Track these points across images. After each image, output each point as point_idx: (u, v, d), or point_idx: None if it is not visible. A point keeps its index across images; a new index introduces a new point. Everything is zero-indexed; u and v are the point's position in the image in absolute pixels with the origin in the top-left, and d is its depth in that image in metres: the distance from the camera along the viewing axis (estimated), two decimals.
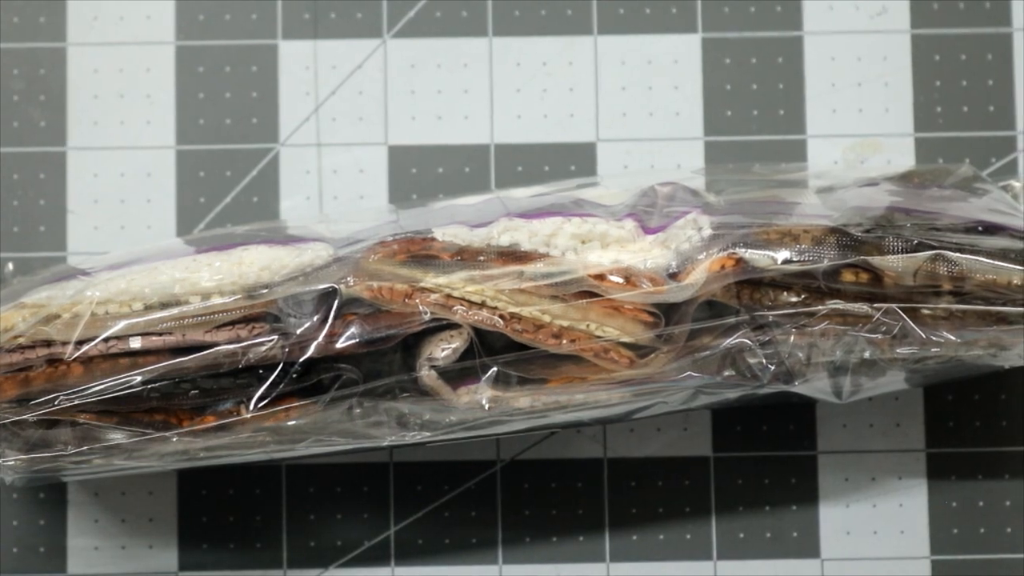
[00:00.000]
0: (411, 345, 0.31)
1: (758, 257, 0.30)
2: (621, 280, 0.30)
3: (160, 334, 0.30)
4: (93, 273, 0.33)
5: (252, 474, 0.37)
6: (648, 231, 0.32)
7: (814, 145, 0.38)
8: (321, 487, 0.37)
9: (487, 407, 0.31)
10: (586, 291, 0.31)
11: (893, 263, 0.30)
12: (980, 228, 0.32)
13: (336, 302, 0.30)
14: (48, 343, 0.30)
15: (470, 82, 0.38)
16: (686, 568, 0.37)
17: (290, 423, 0.31)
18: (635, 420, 0.36)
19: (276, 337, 0.30)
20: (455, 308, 0.30)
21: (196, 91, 0.38)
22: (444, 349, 0.30)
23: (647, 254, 0.31)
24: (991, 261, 0.30)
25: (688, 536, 0.37)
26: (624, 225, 0.32)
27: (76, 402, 0.30)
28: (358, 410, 0.31)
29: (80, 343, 0.30)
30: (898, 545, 0.37)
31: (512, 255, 0.31)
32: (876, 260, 0.30)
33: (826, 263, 0.30)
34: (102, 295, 0.31)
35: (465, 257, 0.31)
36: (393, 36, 0.39)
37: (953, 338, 0.30)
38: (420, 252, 0.31)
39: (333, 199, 0.38)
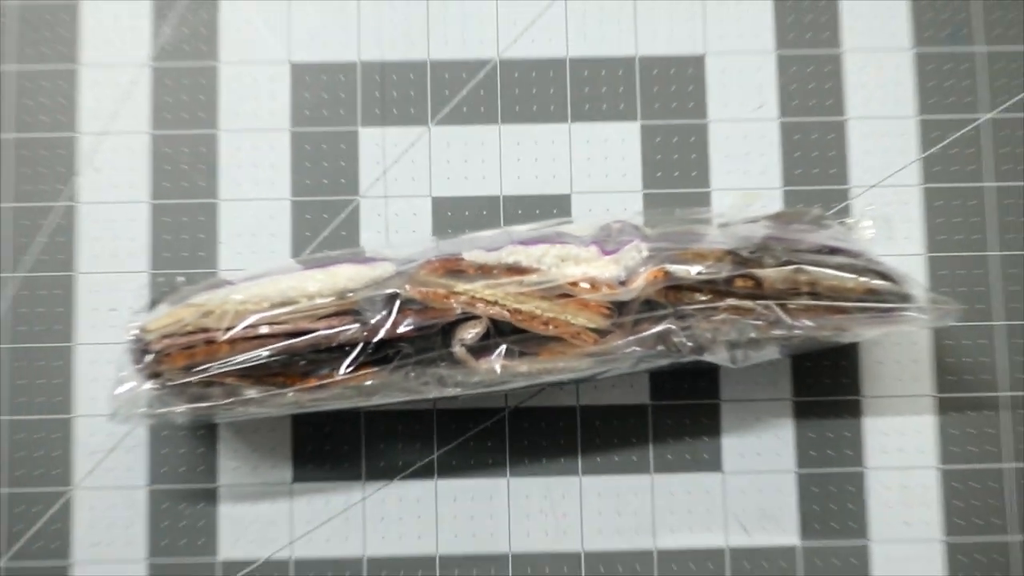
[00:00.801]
0: (448, 330, 0.34)
1: (679, 270, 0.33)
2: (588, 286, 0.33)
3: (280, 323, 0.33)
4: (236, 283, 0.35)
5: (341, 417, 0.39)
6: (606, 253, 0.34)
7: (716, 196, 0.40)
8: (387, 425, 0.39)
9: (499, 372, 0.33)
10: (565, 293, 0.33)
11: (769, 273, 0.34)
12: (827, 250, 0.35)
13: (398, 302, 0.33)
14: (206, 330, 0.33)
15: (486, 154, 0.40)
16: (633, 479, 0.39)
17: (367, 384, 0.33)
18: (598, 380, 0.38)
19: (358, 325, 0.33)
20: (477, 305, 0.33)
21: (304, 161, 0.40)
22: (470, 333, 0.33)
23: (605, 269, 0.34)
24: (834, 272, 0.34)
25: (634, 458, 0.39)
26: (590, 249, 0.34)
27: (224, 370, 0.33)
28: (412, 374, 0.34)
29: (227, 329, 0.33)
30: (775, 462, 0.39)
31: (515, 269, 0.34)
32: (758, 271, 0.34)
33: (724, 274, 0.33)
34: (242, 297, 0.34)
35: (484, 271, 0.34)
36: (435, 124, 0.41)
37: (810, 324, 0.34)
38: (453, 268, 0.34)
39: (395, 233, 0.40)
